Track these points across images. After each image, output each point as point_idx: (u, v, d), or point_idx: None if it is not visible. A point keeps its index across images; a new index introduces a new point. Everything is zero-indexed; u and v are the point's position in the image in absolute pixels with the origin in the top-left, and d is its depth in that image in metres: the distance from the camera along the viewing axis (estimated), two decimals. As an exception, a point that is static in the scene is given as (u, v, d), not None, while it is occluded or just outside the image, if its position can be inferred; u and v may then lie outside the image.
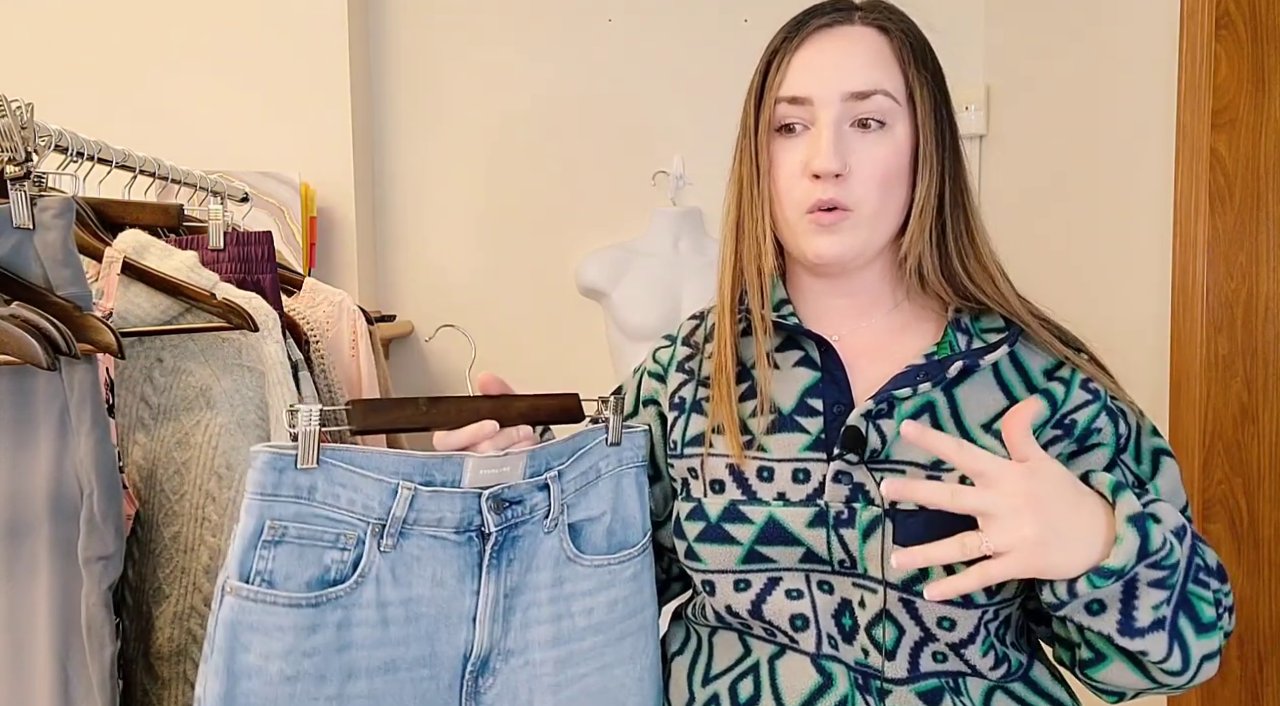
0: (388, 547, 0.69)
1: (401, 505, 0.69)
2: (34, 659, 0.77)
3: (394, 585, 0.69)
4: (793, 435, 0.80)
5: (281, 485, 0.65)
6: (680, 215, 2.10)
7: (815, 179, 0.77)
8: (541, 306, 2.25)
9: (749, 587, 0.79)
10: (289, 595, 0.65)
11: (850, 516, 0.76)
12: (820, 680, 0.77)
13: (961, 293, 0.81)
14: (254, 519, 0.65)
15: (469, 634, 0.73)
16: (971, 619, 0.75)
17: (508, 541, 0.74)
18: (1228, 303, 1.54)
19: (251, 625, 0.64)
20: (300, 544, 0.66)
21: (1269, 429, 1.55)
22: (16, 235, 0.77)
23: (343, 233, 2.06)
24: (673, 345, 0.92)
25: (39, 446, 0.76)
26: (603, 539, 0.80)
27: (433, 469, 0.70)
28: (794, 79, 0.79)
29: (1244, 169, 1.52)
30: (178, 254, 0.96)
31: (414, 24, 2.22)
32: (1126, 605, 0.67)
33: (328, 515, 0.67)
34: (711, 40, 2.21)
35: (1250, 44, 1.51)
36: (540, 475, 0.75)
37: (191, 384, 0.94)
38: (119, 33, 1.98)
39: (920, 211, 0.79)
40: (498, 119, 2.23)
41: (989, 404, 0.78)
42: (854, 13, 0.81)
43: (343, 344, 1.24)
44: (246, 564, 0.64)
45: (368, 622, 0.68)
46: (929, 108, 0.78)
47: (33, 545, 0.77)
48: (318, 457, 0.66)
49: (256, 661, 0.64)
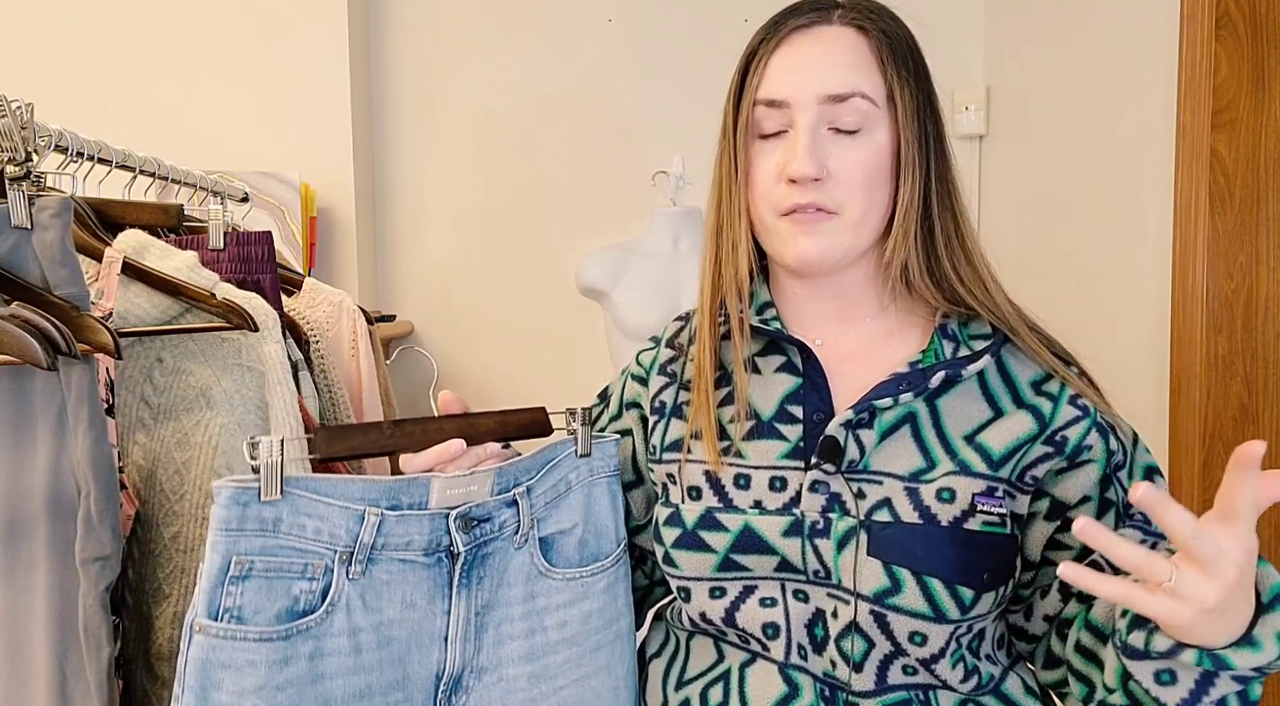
0: (356, 574, 0.68)
1: (369, 531, 0.68)
2: (32, 659, 0.77)
3: (364, 611, 0.69)
4: (771, 442, 0.79)
5: (246, 519, 0.64)
6: (680, 215, 2.10)
7: (792, 183, 0.76)
8: (541, 306, 2.25)
9: (724, 595, 0.78)
10: (259, 629, 0.64)
11: (826, 526, 0.74)
12: (786, 690, 0.76)
13: (950, 297, 0.79)
14: (219, 555, 0.63)
15: (440, 654, 0.72)
16: (944, 634, 0.73)
17: (477, 559, 0.74)
18: (1228, 303, 1.54)
19: (222, 662, 0.63)
20: (268, 577, 0.65)
21: (1269, 429, 1.54)
22: (15, 235, 0.77)
23: (343, 233, 2.06)
24: (656, 347, 0.91)
25: (37, 446, 0.76)
26: (574, 551, 0.80)
27: (398, 492, 0.69)
28: (771, 82, 0.77)
29: (1244, 169, 1.52)
30: (178, 254, 0.96)
31: (414, 24, 2.22)
32: (1200, 688, 0.63)
33: (294, 546, 0.66)
34: (711, 40, 2.21)
35: (1250, 44, 1.51)
36: (508, 491, 0.74)
37: (191, 384, 0.94)
38: (119, 33, 1.98)
39: (904, 214, 0.77)
40: (498, 119, 2.23)
41: (972, 414, 0.76)
42: (833, 12, 0.78)
43: (343, 344, 1.24)
44: (214, 601, 0.63)
45: (340, 651, 0.68)
46: (911, 108, 0.76)
47: (31, 545, 0.77)
48: (282, 489, 0.65)
49: (229, 699, 0.63)
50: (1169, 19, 1.58)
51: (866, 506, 0.74)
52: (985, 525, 0.73)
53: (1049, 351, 0.78)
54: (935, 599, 0.71)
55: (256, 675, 0.64)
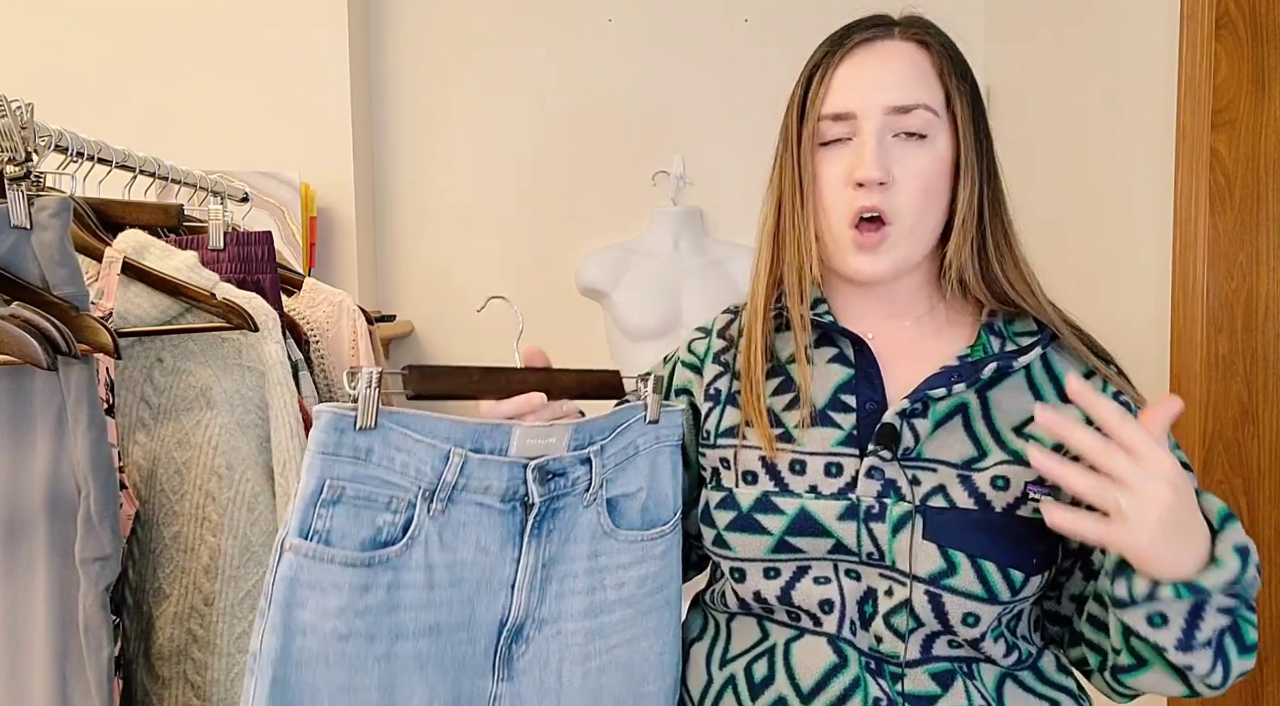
0: (437, 512, 0.70)
1: (452, 471, 0.70)
2: (32, 659, 0.77)
3: (441, 549, 0.71)
4: (826, 430, 0.82)
5: (341, 445, 0.66)
6: (680, 215, 2.10)
7: (859, 187, 0.79)
8: (542, 306, 2.25)
9: (778, 575, 0.81)
10: (345, 554, 0.66)
11: (881, 511, 0.77)
12: (835, 660, 0.79)
13: (1000, 297, 0.83)
14: (315, 477, 0.66)
15: (507, 600, 0.74)
16: (993, 613, 0.76)
17: (549, 512, 0.75)
18: (1228, 302, 1.54)
19: (309, 582, 0.65)
20: (356, 505, 0.67)
21: (1269, 429, 1.55)
22: (14, 235, 0.77)
23: (343, 233, 2.06)
24: (708, 337, 0.94)
25: (36, 446, 0.76)
26: (637, 515, 0.81)
27: (482, 436, 0.71)
28: (836, 95, 0.81)
29: (1244, 169, 1.52)
30: (178, 254, 0.96)
31: (414, 24, 2.22)
32: (1190, 624, 0.67)
33: (382, 477, 0.68)
34: (711, 40, 2.21)
35: (1250, 44, 1.51)
36: (583, 449, 0.76)
37: (192, 384, 0.94)
38: (119, 33, 1.98)
39: (963, 221, 0.81)
40: (498, 119, 2.23)
41: (1021, 407, 0.80)
42: (894, 28, 0.83)
43: (343, 344, 1.24)
44: (306, 521, 0.66)
45: (415, 584, 0.70)
46: (968, 118, 0.81)
47: (31, 545, 0.77)
48: (376, 419, 0.67)
49: (312, 618, 0.66)
50: (1169, 19, 1.58)
51: (922, 492, 0.78)
52: (1036, 512, 0.76)
53: (1089, 350, 0.82)
54: (989, 581, 0.75)
55: (340, 597, 0.66)
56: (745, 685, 0.82)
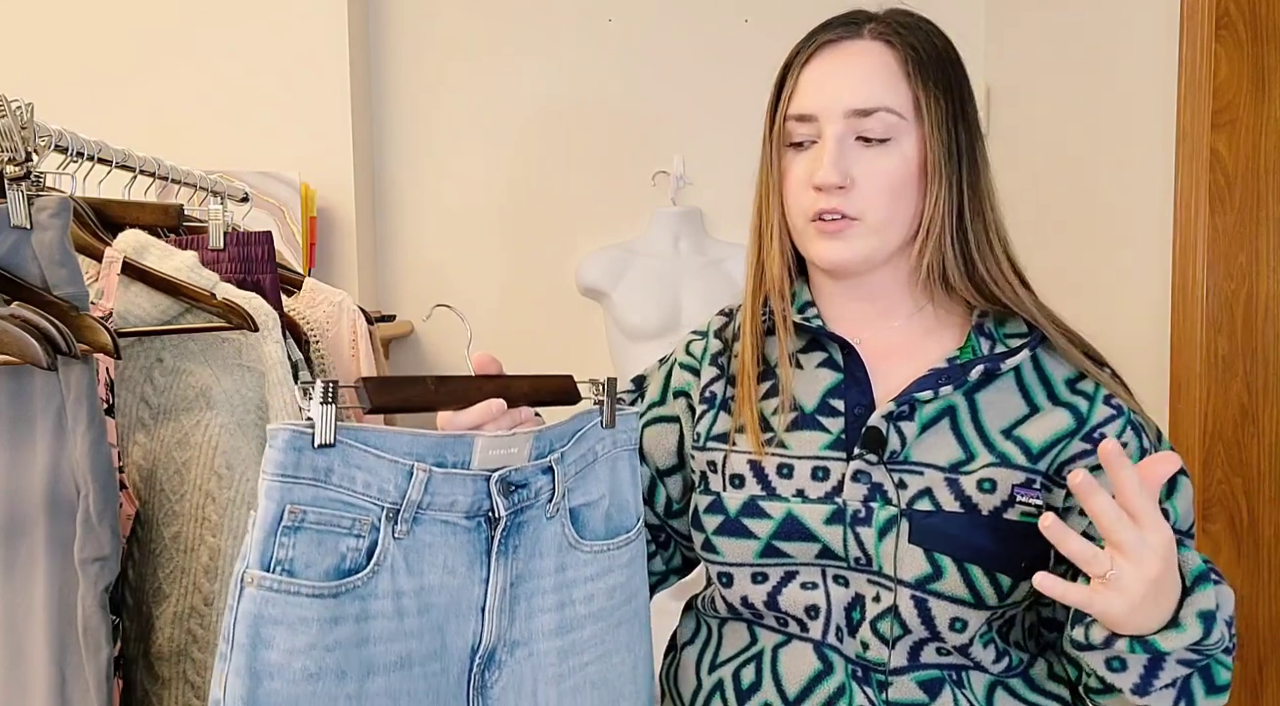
0: (401, 534, 0.67)
1: (416, 488, 0.67)
2: (31, 659, 0.77)
3: (407, 574, 0.67)
4: (814, 433, 0.82)
5: (301, 466, 0.62)
6: (680, 215, 2.10)
7: (818, 190, 0.80)
8: (541, 306, 2.25)
9: (766, 580, 0.81)
10: (311, 584, 0.62)
11: (867, 515, 0.77)
12: (820, 666, 0.79)
13: (988, 298, 0.82)
14: (274, 503, 0.62)
15: (477, 625, 0.71)
16: (981, 619, 0.76)
17: (514, 527, 0.73)
18: (1228, 303, 1.54)
19: (275, 618, 0.61)
20: (319, 530, 0.63)
21: (1269, 429, 1.55)
22: (14, 235, 0.77)
23: (343, 233, 2.06)
24: (705, 339, 0.93)
25: (36, 446, 0.76)
26: (601, 524, 0.80)
27: (444, 449, 0.68)
28: (801, 97, 0.81)
29: (1244, 169, 1.52)
30: (178, 254, 0.96)
31: (414, 24, 2.22)
32: (1149, 672, 0.67)
33: (343, 499, 0.64)
34: (711, 40, 2.21)
35: (1250, 44, 1.51)
36: (544, 457, 0.74)
37: (191, 384, 0.94)
38: (119, 33, 1.98)
39: (929, 222, 0.80)
40: (498, 119, 2.23)
41: (1009, 410, 0.79)
42: (864, 25, 0.81)
43: (343, 344, 1.24)
44: (267, 552, 0.61)
45: (384, 614, 0.66)
46: (939, 119, 0.79)
47: (30, 545, 0.77)
48: (335, 436, 0.63)
49: (279, 658, 0.61)
50: (1169, 19, 1.58)
51: (908, 496, 0.77)
52: (1024, 515, 0.76)
53: (1081, 352, 0.81)
54: (975, 585, 0.74)
55: (308, 633, 0.62)
56: (733, 690, 0.82)
